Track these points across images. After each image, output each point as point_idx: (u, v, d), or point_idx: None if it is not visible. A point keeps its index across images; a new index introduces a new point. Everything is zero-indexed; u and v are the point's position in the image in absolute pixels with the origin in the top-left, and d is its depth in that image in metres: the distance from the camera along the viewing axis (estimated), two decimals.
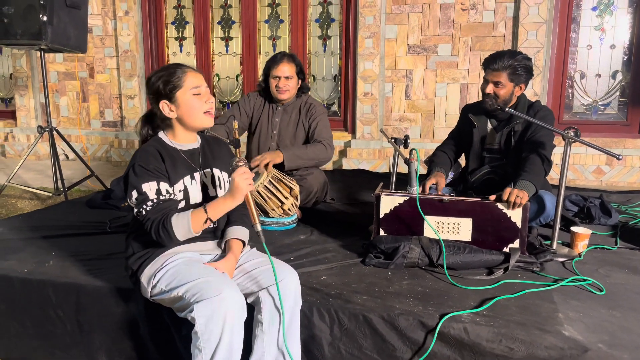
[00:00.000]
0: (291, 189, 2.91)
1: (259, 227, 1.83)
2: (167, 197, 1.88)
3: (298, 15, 5.50)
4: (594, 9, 4.81)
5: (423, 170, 3.73)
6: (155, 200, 1.86)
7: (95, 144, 5.99)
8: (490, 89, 2.71)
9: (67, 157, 5.88)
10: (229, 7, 5.69)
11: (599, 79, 4.89)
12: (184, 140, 2.02)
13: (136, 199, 1.87)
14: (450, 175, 3.61)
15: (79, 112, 6.05)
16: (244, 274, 1.95)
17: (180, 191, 1.94)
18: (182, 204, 1.95)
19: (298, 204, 2.96)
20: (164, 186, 1.88)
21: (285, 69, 3.15)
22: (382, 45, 5.15)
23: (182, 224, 1.83)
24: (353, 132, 5.40)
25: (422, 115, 5.19)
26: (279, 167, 2.98)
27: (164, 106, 1.94)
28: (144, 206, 1.85)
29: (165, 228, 1.82)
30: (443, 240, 2.31)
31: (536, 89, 4.80)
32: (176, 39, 5.86)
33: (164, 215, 1.84)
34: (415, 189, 2.44)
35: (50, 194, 4.32)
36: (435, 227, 2.37)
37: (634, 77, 4.78)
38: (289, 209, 2.89)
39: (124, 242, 2.06)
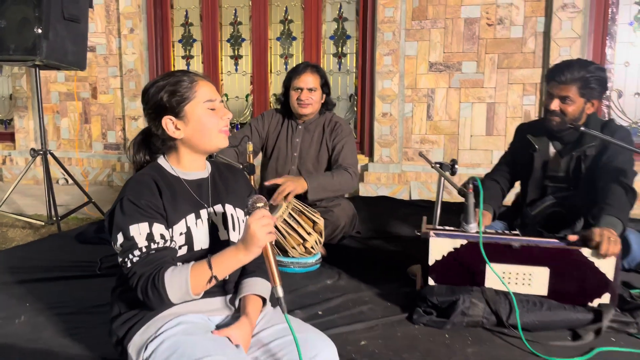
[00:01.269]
0: (315, 223, 2.37)
1: (280, 292, 1.29)
2: (161, 245, 1.35)
3: (312, 32, 5.02)
4: (630, 23, 4.32)
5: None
6: (144, 249, 1.33)
7: (97, 167, 5.47)
8: (555, 105, 2.19)
9: (67, 181, 5.37)
10: (239, 24, 5.22)
11: (639, 99, 4.37)
12: (190, 167, 1.51)
13: (121, 244, 1.35)
14: None
15: (77, 134, 5.54)
16: (259, 347, 1.40)
17: (181, 234, 1.42)
18: (183, 250, 1.43)
19: (322, 240, 2.42)
20: (158, 229, 1.36)
21: (309, 80, 2.65)
22: (401, 63, 4.65)
23: (179, 283, 1.30)
24: (370, 155, 4.88)
25: (445, 137, 4.67)
26: (299, 196, 2.46)
27: (168, 123, 1.45)
28: (130, 255, 1.33)
29: (155, 287, 1.29)
30: (513, 292, 1.77)
31: None
32: (183, 57, 5.38)
33: (155, 269, 1.31)
34: (472, 227, 1.90)
35: (43, 223, 3.80)
36: (502, 277, 1.83)
37: None
38: (312, 247, 2.35)
39: (110, 295, 1.54)
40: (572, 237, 1.80)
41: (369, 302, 2.01)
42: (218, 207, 1.52)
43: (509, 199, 2.61)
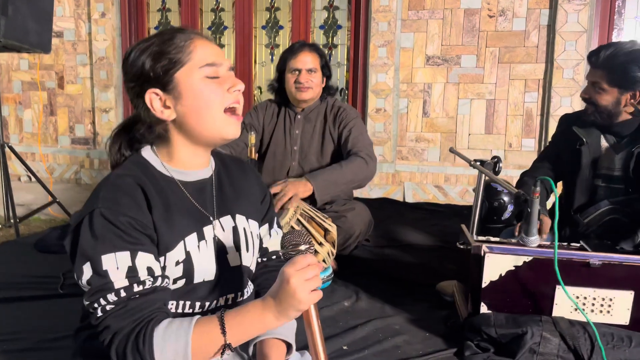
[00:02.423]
0: (326, 231, 1.94)
1: None
2: (148, 285, 0.89)
3: (300, 21, 4.57)
4: (637, 17, 4.03)
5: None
6: (123, 293, 0.87)
7: (64, 164, 4.90)
8: (585, 91, 1.83)
9: (30, 178, 4.79)
10: (221, 11, 4.72)
11: None
12: (188, 164, 1.04)
13: (90, 281, 0.88)
14: (510, 208, 2.71)
15: (39, 127, 4.96)
16: None
17: (177, 264, 0.96)
18: (178, 284, 0.97)
19: (335, 252, 1.99)
20: (144, 260, 0.90)
21: (308, 60, 2.21)
22: (397, 55, 4.25)
23: (174, 351, 0.84)
24: None
25: (442, 135, 4.28)
26: (307, 199, 2.02)
27: (154, 99, 0.98)
28: (102, 300, 0.87)
29: (138, 352, 0.84)
30: (594, 323, 1.38)
31: (575, 107, 3.96)
32: None
33: (140, 324, 0.85)
34: (534, 240, 1.50)
35: (0, 226, 3.26)
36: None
37: None
38: (323, 260, 1.92)
39: (72, 338, 1.09)
40: None
41: (402, 332, 1.58)
42: (226, 220, 1.06)
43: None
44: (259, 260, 1.17)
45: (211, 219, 1.04)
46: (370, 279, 2.03)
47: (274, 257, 1.17)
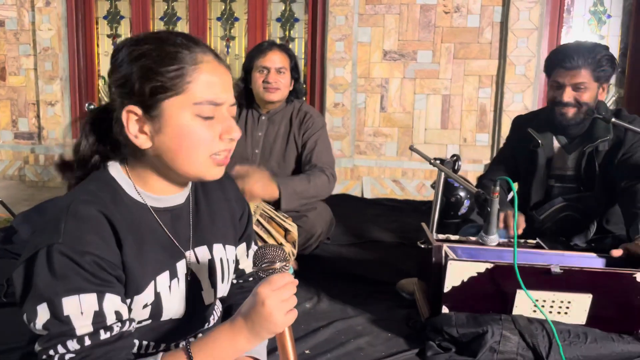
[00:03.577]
0: (287, 231, 1.91)
1: None
2: (115, 332, 0.80)
3: (256, 13, 4.49)
4: (585, 15, 4.16)
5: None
6: (87, 341, 0.78)
7: (6, 159, 4.66)
8: (569, 95, 1.85)
9: None
10: (174, 1, 4.58)
11: None
12: (162, 190, 0.92)
13: (46, 325, 0.78)
14: (466, 203, 2.75)
15: None
16: None
17: (145, 306, 0.87)
18: (143, 324, 0.89)
19: (296, 252, 1.96)
20: (111, 303, 0.81)
21: (277, 59, 2.17)
22: (354, 50, 4.24)
23: None
24: None
25: (399, 130, 4.32)
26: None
27: (130, 119, 0.85)
28: (60, 348, 0.77)
29: None
30: (551, 321, 1.40)
31: (526, 103, 4.07)
32: (109, 36, 4.67)
33: None
34: (494, 239, 1.52)
35: None
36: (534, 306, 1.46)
37: (629, 91, 4.16)
38: None
39: None
40: (616, 252, 1.46)
41: (365, 333, 1.57)
42: (202, 251, 0.98)
43: None
44: (234, 281, 1.10)
45: (185, 252, 0.94)
46: (331, 279, 2.01)
47: (250, 278, 1.12)
